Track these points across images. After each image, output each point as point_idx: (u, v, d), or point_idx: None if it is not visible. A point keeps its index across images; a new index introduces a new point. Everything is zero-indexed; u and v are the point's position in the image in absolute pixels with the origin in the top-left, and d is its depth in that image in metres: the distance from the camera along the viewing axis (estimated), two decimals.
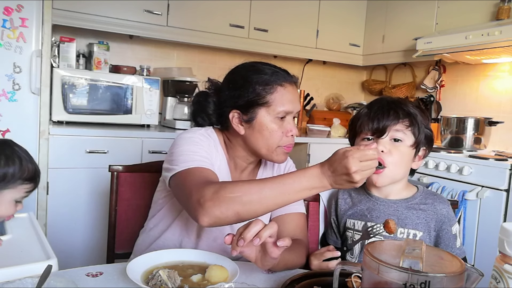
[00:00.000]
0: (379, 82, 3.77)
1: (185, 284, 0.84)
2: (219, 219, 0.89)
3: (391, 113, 1.10)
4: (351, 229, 1.16)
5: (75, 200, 2.31)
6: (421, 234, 1.09)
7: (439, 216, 1.11)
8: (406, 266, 0.64)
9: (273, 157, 1.12)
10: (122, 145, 2.39)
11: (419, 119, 1.11)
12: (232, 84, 1.13)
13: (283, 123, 1.10)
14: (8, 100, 2.08)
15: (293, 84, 1.13)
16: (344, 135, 3.34)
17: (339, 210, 1.21)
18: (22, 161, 1.02)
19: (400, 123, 1.09)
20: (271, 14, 3.15)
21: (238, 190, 0.90)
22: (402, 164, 1.11)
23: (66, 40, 2.53)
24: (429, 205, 1.12)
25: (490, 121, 2.62)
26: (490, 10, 2.62)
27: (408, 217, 1.11)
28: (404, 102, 1.14)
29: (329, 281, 0.87)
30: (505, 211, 2.14)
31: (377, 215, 1.13)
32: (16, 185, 1.02)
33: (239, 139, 1.14)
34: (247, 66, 1.15)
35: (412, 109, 1.12)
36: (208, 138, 1.14)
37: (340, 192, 1.24)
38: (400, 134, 1.09)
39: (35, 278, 0.77)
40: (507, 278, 0.62)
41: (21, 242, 1.01)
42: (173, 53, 3.20)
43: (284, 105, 1.08)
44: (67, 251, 2.23)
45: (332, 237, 1.24)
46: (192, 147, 1.07)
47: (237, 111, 1.10)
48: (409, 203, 1.13)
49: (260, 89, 1.08)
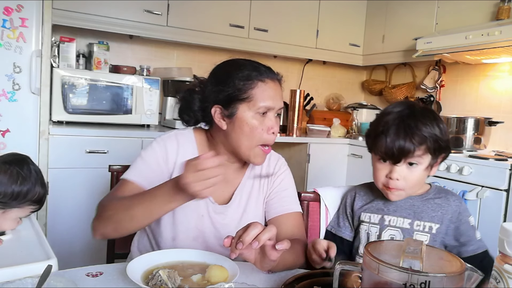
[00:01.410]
0: (379, 82, 3.77)
1: (185, 284, 0.84)
2: (105, 235, 1.02)
3: (407, 142, 1.06)
4: (367, 222, 1.17)
5: (75, 200, 2.31)
6: (438, 227, 1.11)
7: (453, 207, 1.13)
8: (406, 266, 0.64)
9: (250, 157, 1.11)
10: (122, 145, 2.39)
11: (435, 138, 1.08)
12: (214, 79, 1.13)
13: (264, 119, 1.09)
14: (8, 100, 2.08)
15: (275, 80, 1.12)
16: (344, 135, 3.34)
17: (355, 205, 1.22)
18: (36, 184, 1.07)
19: (416, 151, 1.07)
20: (271, 14, 3.15)
21: (110, 209, 1.00)
22: (419, 182, 1.13)
23: (66, 40, 2.53)
24: (443, 199, 1.15)
25: (490, 121, 2.62)
26: (490, 10, 2.62)
27: (424, 211, 1.13)
28: (423, 121, 1.08)
29: (329, 281, 0.87)
30: (505, 211, 2.14)
31: (394, 209, 1.15)
32: (25, 205, 1.07)
33: (221, 135, 1.13)
34: (230, 62, 1.15)
35: (429, 130, 1.07)
36: (167, 146, 1.15)
37: (358, 188, 1.26)
38: (416, 159, 1.08)
39: (35, 278, 0.77)
40: (507, 278, 0.62)
41: (21, 242, 1.02)
42: (173, 53, 3.20)
43: (265, 101, 1.07)
44: (67, 251, 2.23)
45: (345, 230, 1.24)
46: (143, 159, 1.14)
47: (219, 106, 1.10)
48: (424, 198, 1.16)
49: (241, 84, 1.07)
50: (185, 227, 1.14)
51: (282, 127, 3.32)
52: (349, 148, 3.15)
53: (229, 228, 1.16)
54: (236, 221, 1.18)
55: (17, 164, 1.06)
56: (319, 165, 3.05)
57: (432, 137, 1.08)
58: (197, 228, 1.15)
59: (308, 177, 3.01)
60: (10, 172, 1.04)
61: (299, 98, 3.09)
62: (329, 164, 3.11)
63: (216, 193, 1.18)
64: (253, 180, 1.21)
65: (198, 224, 1.15)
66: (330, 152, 3.11)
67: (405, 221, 1.13)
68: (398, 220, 1.14)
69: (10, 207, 1.05)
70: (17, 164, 1.06)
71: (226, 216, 1.17)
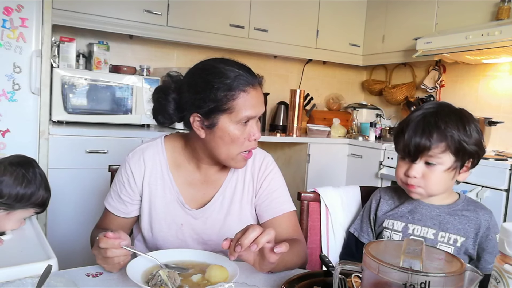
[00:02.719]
0: (379, 82, 3.77)
1: (185, 284, 0.84)
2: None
3: (423, 139, 1.04)
4: (389, 229, 1.15)
5: (75, 200, 2.31)
6: (463, 240, 1.08)
7: (482, 222, 1.08)
8: (406, 266, 0.64)
9: (231, 163, 1.09)
10: (122, 145, 2.39)
11: (457, 138, 1.03)
12: (192, 87, 1.05)
13: (246, 128, 1.05)
14: (8, 100, 2.08)
15: (257, 86, 1.06)
16: (344, 135, 3.34)
17: (379, 210, 1.19)
18: (40, 187, 1.08)
19: (433, 149, 1.04)
20: (271, 14, 3.15)
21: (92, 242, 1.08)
22: (440, 183, 1.08)
23: (66, 40, 2.53)
24: (471, 211, 1.10)
25: (490, 121, 2.62)
26: (490, 10, 2.62)
27: (449, 222, 1.09)
28: (445, 119, 1.04)
29: (329, 281, 0.87)
30: (505, 211, 2.14)
31: (419, 218, 1.12)
32: (28, 207, 1.08)
33: (200, 142, 1.10)
34: (208, 68, 1.06)
35: (450, 129, 1.03)
36: (132, 167, 1.14)
37: (382, 192, 1.22)
38: (434, 159, 1.05)
39: (35, 278, 0.77)
40: (507, 278, 0.62)
41: (21, 242, 1.02)
42: (173, 53, 3.20)
43: (247, 111, 1.03)
44: (67, 251, 2.23)
45: (367, 235, 1.22)
46: (115, 184, 1.17)
47: (198, 115, 1.04)
48: (451, 209, 1.11)
49: (221, 95, 1.01)
50: (163, 240, 1.14)
51: (282, 127, 3.33)
52: (349, 148, 3.15)
53: (213, 232, 1.15)
54: (219, 225, 1.15)
55: (23, 166, 1.07)
56: (319, 165, 3.05)
57: (453, 137, 1.03)
58: (178, 238, 1.14)
59: (308, 177, 3.01)
60: (16, 174, 1.04)
61: (299, 98, 3.09)
62: (329, 164, 3.11)
63: (196, 196, 1.16)
64: (236, 182, 1.18)
65: (178, 234, 1.14)
66: (330, 152, 3.11)
67: (430, 231, 1.09)
68: (423, 229, 1.10)
69: (14, 209, 1.05)
70: (23, 166, 1.07)
71: (207, 220, 1.15)
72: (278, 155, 3.25)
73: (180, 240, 1.14)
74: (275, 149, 3.23)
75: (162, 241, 1.14)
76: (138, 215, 1.18)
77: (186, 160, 1.16)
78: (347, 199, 1.36)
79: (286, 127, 3.22)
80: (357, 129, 3.40)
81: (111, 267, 0.90)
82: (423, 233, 1.10)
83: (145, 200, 1.14)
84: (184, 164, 1.16)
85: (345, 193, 1.37)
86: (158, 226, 1.14)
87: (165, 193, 1.14)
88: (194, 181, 1.16)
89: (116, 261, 0.88)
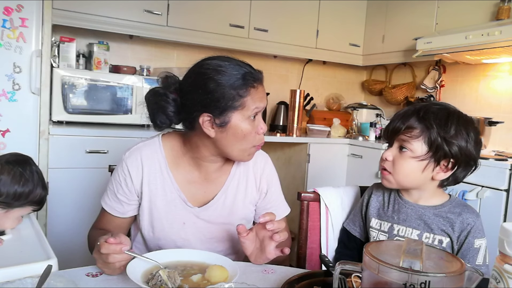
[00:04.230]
0: (379, 82, 3.77)
1: (185, 284, 0.84)
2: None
3: (400, 122, 1.08)
4: (376, 229, 1.16)
5: (75, 200, 2.31)
6: (447, 241, 1.08)
7: (464, 225, 1.07)
8: (406, 266, 0.64)
9: (244, 158, 1.11)
10: (122, 145, 2.39)
11: (437, 131, 1.03)
12: (201, 88, 1.04)
13: (254, 122, 1.08)
14: (8, 100, 2.08)
15: (262, 81, 1.10)
16: (344, 135, 3.34)
17: (369, 207, 1.20)
18: (37, 185, 1.08)
19: (406, 133, 1.06)
20: (271, 14, 3.15)
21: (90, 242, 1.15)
22: (408, 172, 1.08)
23: (66, 40, 2.53)
24: (456, 214, 1.09)
25: (490, 121, 2.62)
26: (490, 10, 2.62)
27: (434, 223, 1.09)
28: (430, 111, 1.05)
29: (329, 281, 0.87)
30: (505, 211, 2.14)
31: (404, 218, 1.12)
32: (26, 205, 1.08)
33: (206, 141, 1.09)
34: (214, 68, 1.05)
35: (432, 121, 1.04)
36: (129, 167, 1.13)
37: (375, 187, 1.24)
38: (406, 144, 1.07)
39: (35, 278, 0.77)
40: (507, 278, 0.62)
41: (21, 242, 1.02)
42: (173, 53, 3.20)
43: (256, 104, 1.06)
44: (67, 251, 2.23)
45: (358, 229, 1.24)
46: (112, 184, 1.16)
47: (209, 114, 1.04)
48: (437, 210, 1.11)
49: (234, 93, 1.03)
50: (165, 239, 1.14)
51: (282, 127, 3.33)
52: (349, 148, 3.15)
53: (215, 230, 1.16)
54: (221, 223, 1.16)
55: (20, 164, 1.07)
56: (319, 165, 3.05)
57: (430, 128, 1.04)
58: (180, 237, 1.14)
59: (308, 177, 3.00)
60: (13, 172, 1.05)
61: (299, 98, 3.08)
62: (329, 164, 3.11)
63: (197, 194, 1.16)
64: (238, 181, 1.19)
65: (180, 232, 1.14)
66: (330, 152, 3.11)
67: (414, 232, 1.10)
68: (407, 230, 1.11)
69: (12, 207, 1.05)
70: (20, 164, 1.07)
71: (210, 218, 1.15)
72: (278, 155, 3.24)
73: (182, 239, 1.14)
74: (275, 149, 3.23)
75: (164, 240, 1.14)
76: (135, 215, 1.18)
77: (185, 158, 1.16)
78: (347, 199, 1.37)
79: (286, 127, 3.22)
80: (357, 129, 3.39)
81: (112, 271, 0.90)
82: (408, 234, 1.11)
83: (145, 200, 1.14)
84: (183, 162, 1.16)
85: (345, 193, 1.37)
86: (159, 225, 1.14)
87: (165, 192, 1.14)
88: (194, 179, 1.16)
89: (117, 266, 0.89)
